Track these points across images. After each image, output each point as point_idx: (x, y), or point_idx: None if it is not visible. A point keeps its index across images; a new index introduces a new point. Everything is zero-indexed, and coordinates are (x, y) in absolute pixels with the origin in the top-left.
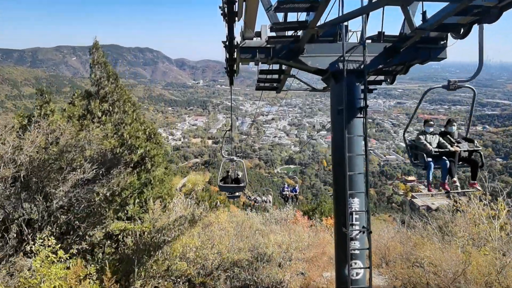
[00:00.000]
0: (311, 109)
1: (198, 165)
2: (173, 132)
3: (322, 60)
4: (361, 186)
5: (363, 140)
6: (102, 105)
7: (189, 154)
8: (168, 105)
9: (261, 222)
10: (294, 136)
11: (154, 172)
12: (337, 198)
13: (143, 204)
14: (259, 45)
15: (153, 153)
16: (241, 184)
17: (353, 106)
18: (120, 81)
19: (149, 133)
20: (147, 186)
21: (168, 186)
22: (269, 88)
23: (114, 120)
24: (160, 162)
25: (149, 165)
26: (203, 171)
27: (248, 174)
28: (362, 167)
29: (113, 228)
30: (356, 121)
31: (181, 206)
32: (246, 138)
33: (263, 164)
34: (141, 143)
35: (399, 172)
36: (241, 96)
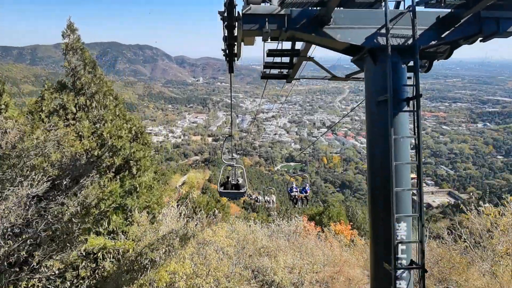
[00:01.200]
0: (312, 106)
1: (198, 163)
2: (173, 129)
3: (355, 34)
4: (409, 206)
5: (412, 141)
6: (78, 99)
7: (189, 152)
8: (168, 103)
9: (266, 234)
10: (295, 134)
11: (140, 177)
12: (375, 222)
13: (128, 215)
14: (269, 12)
15: (139, 156)
16: (241, 189)
17: (399, 95)
18: (100, 70)
19: (135, 132)
20: (132, 194)
21: (158, 194)
22: (278, 77)
23: (92, 116)
24: (147, 166)
25: (134, 169)
26: (203, 169)
27: (248, 171)
28: (409, 180)
29: (90, 246)
30: (403, 117)
31: (172, 216)
32: (246, 136)
33: (263, 161)
34: (125, 144)
35: None
36: (241, 94)
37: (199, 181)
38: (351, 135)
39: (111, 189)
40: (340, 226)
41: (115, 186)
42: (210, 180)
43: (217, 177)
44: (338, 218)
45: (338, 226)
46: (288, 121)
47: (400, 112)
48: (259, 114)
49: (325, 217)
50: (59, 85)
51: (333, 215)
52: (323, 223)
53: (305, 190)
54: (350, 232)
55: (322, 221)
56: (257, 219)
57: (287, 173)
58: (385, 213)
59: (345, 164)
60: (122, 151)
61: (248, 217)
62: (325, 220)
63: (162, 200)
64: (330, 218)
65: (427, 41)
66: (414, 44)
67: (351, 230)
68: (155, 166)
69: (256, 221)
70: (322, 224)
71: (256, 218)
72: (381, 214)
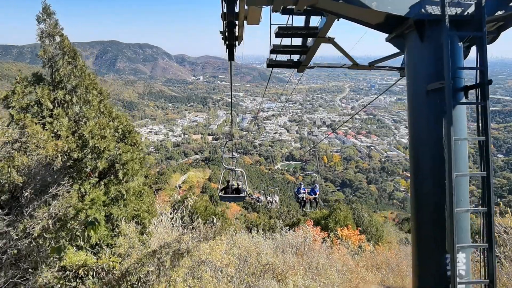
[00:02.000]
0: (312, 105)
1: (198, 162)
2: (173, 128)
3: (397, 0)
4: (469, 232)
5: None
6: (55, 94)
7: (189, 151)
8: (168, 101)
9: (270, 247)
10: (295, 132)
11: (128, 183)
12: (421, 252)
13: (114, 226)
14: None
15: (126, 158)
16: (242, 194)
17: (455, 83)
18: (81, 61)
19: (123, 131)
20: (118, 202)
21: (148, 201)
22: (287, 65)
23: (73, 113)
24: (136, 169)
25: (120, 174)
26: (203, 168)
27: (248, 170)
28: (468, 197)
29: (68, 264)
30: (460, 111)
31: (165, 226)
32: (247, 135)
33: (263, 160)
34: (109, 145)
35: (400, 168)
36: (241, 92)
37: (199, 180)
38: (351, 133)
39: (93, 196)
40: (348, 231)
41: (98, 193)
42: (210, 179)
43: (217, 176)
44: (345, 222)
45: (345, 231)
46: (288, 120)
47: (458, 104)
48: (259, 113)
49: (331, 221)
50: (34, 77)
51: (339, 219)
52: (329, 228)
53: (314, 192)
54: (359, 237)
55: (328, 226)
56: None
57: (287, 172)
58: (438, 241)
59: (345, 163)
60: (106, 153)
61: (248, 219)
62: (331, 225)
63: (154, 207)
64: (336, 223)
65: (492, 11)
66: (481, 13)
67: (359, 235)
68: (145, 169)
69: (259, 230)
70: (329, 229)
71: (258, 221)
72: (432, 242)
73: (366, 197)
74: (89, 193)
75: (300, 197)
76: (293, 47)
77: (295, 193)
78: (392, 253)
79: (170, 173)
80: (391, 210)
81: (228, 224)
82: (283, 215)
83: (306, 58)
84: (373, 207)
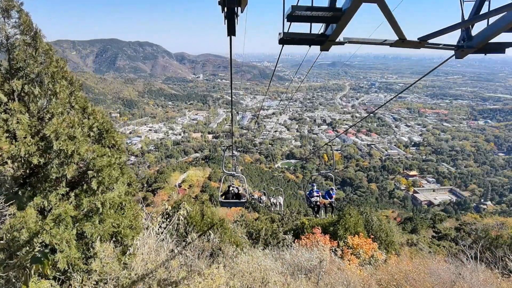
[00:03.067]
0: (312, 103)
1: (198, 160)
2: (173, 126)
3: None
4: None
5: None
6: (11, 83)
7: (189, 149)
8: (168, 100)
9: (279, 272)
10: (295, 131)
11: (105, 194)
12: None
13: (89, 247)
14: None
15: (102, 164)
16: (242, 199)
17: None
18: (45, 43)
19: (99, 130)
20: (93, 217)
21: (132, 214)
22: (307, 40)
23: (35, 108)
24: (116, 177)
25: (94, 183)
26: (203, 167)
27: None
28: None
29: None
30: None
31: (152, 245)
32: (247, 133)
33: (263, 158)
34: (79, 148)
35: (400, 166)
36: (241, 91)
37: (199, 179)
38: (351, 132)
39: (59, 212)
40: (359, 240)
41: (67, 208)
42: (210, 178)
43: (217, 174)
44: (356, 229)
45: (356, 239)
46: (288, 118)
47: None
48: (259, 111)
49: (340, 228)
50: None
51: (350, 225)
52: (338, 235)
53: (330, 195)
54: (371, 246)
55: (337, 233)
56: (261, 232)
57: (287, 170)
58: None
59: (345, 161)
60: (76, 158)
61: (250, 223)
62: (340, 232)
63: (139, 221)
64: (346, 230)
65: None
66: None
67: (372, 243)
68: (128, 175)
69: (264, 248)
70: (338, 237)
71: (259, 226)
72: None
73: (367, 196)
74: (54, 207)
75: (313, 201)
76: (321, 10)
77: (306, 196)
78: (409, 264)
79: (170, 172)
80: (392, 209)
81: (228, 236)
82: (285, 217)
83: (337, 28)
84: (374, 205)
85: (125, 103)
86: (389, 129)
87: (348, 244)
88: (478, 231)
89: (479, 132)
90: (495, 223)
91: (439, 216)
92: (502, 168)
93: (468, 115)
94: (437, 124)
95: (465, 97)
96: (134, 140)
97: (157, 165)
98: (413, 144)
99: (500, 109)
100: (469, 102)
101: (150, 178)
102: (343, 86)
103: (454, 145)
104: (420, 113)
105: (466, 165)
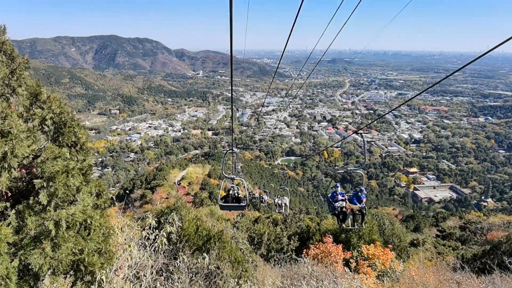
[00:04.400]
0: (312, 100)
1: (198, 157)
2: (173, 123)
3: None
4: None
5: None
6: None
7: (189, 146)
8: (167, 96)
9: None
10: (295, 127)
11: (61, 210)
12: None
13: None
14: None
15: (53, 169)
16: (242, 203)
17: None
18: None
19: (55, 123)
20: (42, 242)
21: (101, 235)
22: None
23: None
24: (77, 186)
25: (43, 196)
26: (203, 163)
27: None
28: None
29: None
30: None
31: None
32: (247, 130)
33: (263, 155)
34: (15, 147)
35: (401, 163)
36: (241, 87)
37: (198, 176)
38: (351, 129)
39: None
40: (375, 249)
41: (2, 232)
42: (210, 175)
43: (217, 171)
44: (370, 236)
45: (372, 248)
46: (288, 115)
47: None
48: (259, 108)
49: (354, 236)
50: None
51: (364, 233)
52: (351, 244)
53: (360, 199)
54: (388, 256)
55: (351, 241)
56: (264, 236)
57: (287, 167)
58: None
59: (345, 158)
60: (13, 161)
61: (251, 228)
62: (354, 240)
63: (110, 244)
64: (360, 237)
65: None
66: None
67: (389, 253)
68: (95, 184)
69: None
70: (351, 246)
71: (262, 230)
72: None
73: (367, 193)
74: None
75: (338, 207)
76: None
77: (329, 200)
78: (433, 276)
79: (169, 169)
80: (393, 206)
81: (227, 252)
82: (288, 218)
83: None
84: (374, 203)
85: (124, 100)
86: (389, 126)
87: (362, 255)
88: (484, 230)
89: (480, 129)
90: (500, 222)
91: (441, 214)
92: (503, 165)
93: (468, 112)
94: (437, 121)
95: (466, 94)
96: (133, 137)
97: (156, 162)
98: (413, 141)
99: (500, 106)
100: (469, 99)
101: (148, 175)
102: (343, 83)
103: (455, 142)
104: (420, 110)
105: (466, 162)
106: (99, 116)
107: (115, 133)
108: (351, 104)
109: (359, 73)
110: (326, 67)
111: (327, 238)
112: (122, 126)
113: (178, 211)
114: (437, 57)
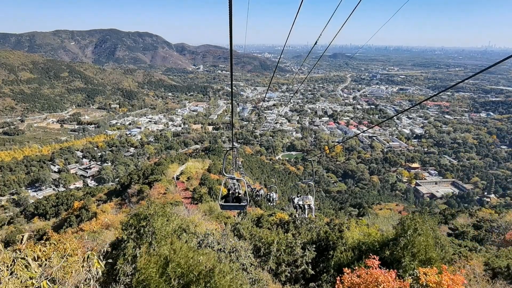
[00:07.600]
0: (313, 95)
1: (198, 152)
2: (173, 118)
3: None
4: None
5: None
6: None
7: (189, 141)
8: (168, 91)
9: None
10: (296, 122)
11: None
12: None
13: None
14: None
15: None
16: (242, 203)
17: None
18: None
19: None
20: None
21: None
22: None
23: None
24: None
25: None
26: (203, 158)
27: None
28: None
29: None
30: None
31: None
32: (247, 124)
33: (264, 150)
34: None
35: (402, 159)
36: (242, 82)
37: (198, 170)
38: (353, 124)
39: None
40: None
41: None
42: (209, 170)
43: (217, 166)
44: (427, 254)
45: (432, 273)
46: (289, 110)
47: None
48: (260, 103)
49: (406, 254)
50: None
51: (420, 249)
52: (401, 264)
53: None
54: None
55: (401, 262)
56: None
57: (288, 162)
58: None
59: (347, 154)
60: None
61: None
62: (406, 260)
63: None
64: (414, 256)
65: None
66: None
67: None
68: None
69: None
70: (400, 265)
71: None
72: None
73: (369, 188)
74: None
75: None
76: None
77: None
78: None
79: (168, 163)
80: (395, 201)
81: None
82: (297, 220)
83: None
84: (377, 199)
85: (124, 94)
86: (391, 121)
87: (420, 283)
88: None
89: (481, 124)
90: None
91: (449, 210)
92: (505, 160)
93: (470, 108)
94: (438, 116)
95: (467, 89)
96: (133, 131)
97: (156, 156)
98: (414, 136)
99: (502, 102)
100: (471, 94)
101: (146, 170)
102: (345, 78)
103: (456, 138)
104: (421, 105)
105: (468, 157)
106: (99, 110)
107: (115, 128)
108: (352, 99)
109: (361, 68)
110: (327, 62)
111: (371, 260)
112: (122, 121)
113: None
114: (438, 52)
